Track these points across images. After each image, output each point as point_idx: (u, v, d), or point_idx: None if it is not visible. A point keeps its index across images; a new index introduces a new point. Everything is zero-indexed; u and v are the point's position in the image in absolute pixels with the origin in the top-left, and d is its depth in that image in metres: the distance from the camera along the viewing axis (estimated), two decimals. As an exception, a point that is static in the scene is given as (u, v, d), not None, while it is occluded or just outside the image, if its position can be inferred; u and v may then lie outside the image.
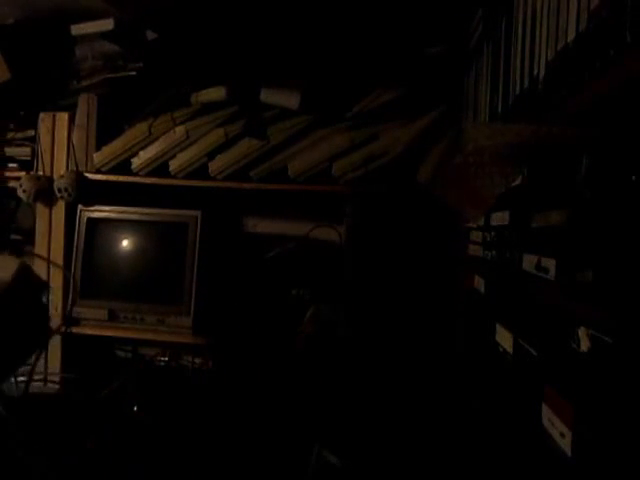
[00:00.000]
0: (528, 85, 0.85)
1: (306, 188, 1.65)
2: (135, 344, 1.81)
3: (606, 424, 0.55)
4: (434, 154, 1.41)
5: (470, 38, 1.40)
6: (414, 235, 1.62)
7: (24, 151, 1.82)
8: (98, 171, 1.76)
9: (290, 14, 1.55)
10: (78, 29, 1.70)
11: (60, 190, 1.72)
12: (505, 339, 0.92)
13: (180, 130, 1.71)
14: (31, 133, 1.80)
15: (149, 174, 1.74)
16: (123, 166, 1.76)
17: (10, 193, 1.80)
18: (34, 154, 1.80)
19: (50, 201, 1.78)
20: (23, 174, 1.75)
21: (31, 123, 1.80)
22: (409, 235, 1.62)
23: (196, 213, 1.72)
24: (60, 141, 1.79)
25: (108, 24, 1.68)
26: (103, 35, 1.69)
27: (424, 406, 1.40)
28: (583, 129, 0.65)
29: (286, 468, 1.33)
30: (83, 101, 1.77)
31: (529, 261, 0.80)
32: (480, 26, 1.28)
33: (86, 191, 1.75)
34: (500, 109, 1.05)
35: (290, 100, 1.63)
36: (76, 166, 1.77)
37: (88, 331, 1.74)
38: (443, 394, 1.39)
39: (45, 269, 1.77)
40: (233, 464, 1.37)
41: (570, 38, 0.67)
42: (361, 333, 1.58)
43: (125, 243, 1.78)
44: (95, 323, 1.74)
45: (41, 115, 1.79)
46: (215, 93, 1.69)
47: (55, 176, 1.77)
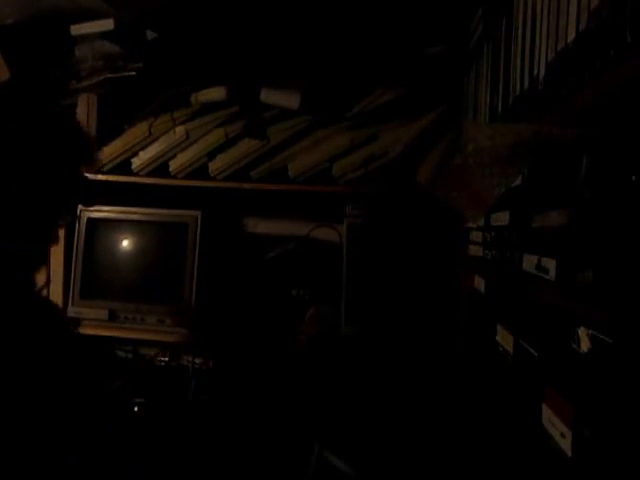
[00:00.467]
0: (528, 85, 0.85)
1: (306, 188, 1.65)
2: (135, 344, 1.81)
3: (606, 424, 0.55)
4: (434, 154, 1.41)
5: (470, 38, 1.40)
6: (414, 235, 1.62)
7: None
8: (98, 171, 1.76)
9: (290, 14, 1.55)
10: (78, 29, 1.70)
11: (60, 190, 1.72)
12: (505, 339, 0.92)
13: (180, 130, 1.71)
14: (31, 133, 1.80)
15: (149, 174, 1.74)
16: (123, 166, 1.75)
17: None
18: (34, 154, 1.80)
19: (50, 201, 1.78)
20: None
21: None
22: (409, 235, 1.62)
23: (196, 213, 1.72)
24: (60, 141, 1.79)
25: (108, 24, 1.68)
26: (103, 35, 1.69)
27: (425, 406, 1.40)
28: (583, 129, 0.65)
29: (286, 468, 1.33)
30: (83, 101, 1.77)
31: (529, 261, 0.80)
32: (480, 26, 1.28)
33: (86, 191, 1.75)
34: (500, 109, 1.05)
35: (290, 100, 1.63)
36: (76, 166, 1.77)
37: (88, 331, 1.74)
38: (443, 394, 1.39)
39: (45, 269, 1.77)
40: (233, 464, 1.37)
41: (570, 38, 0.67)
42: (361, 333, 1.58)
43: (125, 243, 1.78)
44: (95, 323, 1.74)
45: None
46: (215, 93, 1.68)
47: (55, 176, 1.77)
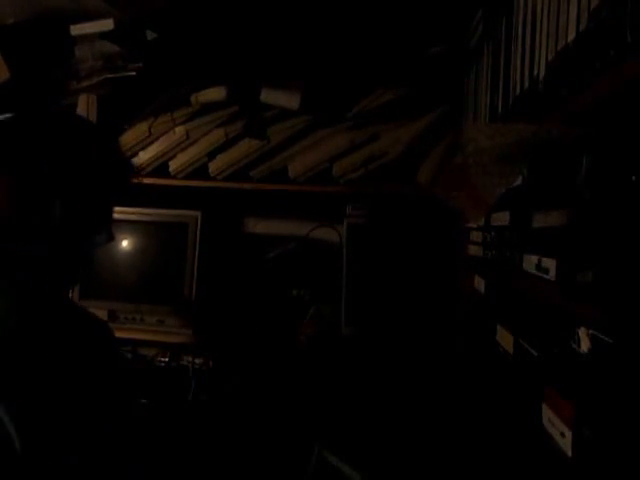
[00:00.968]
0: (528, 85, 0.85)
1: (306, 188, 1.65)
2: (135, 344, 1.81)
3: (606, 424, 0.55)
4: (434, 154, 1.41)
5: (470, 38, 1.40)
6: (414, 235, 1.62)
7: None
8: (98, 171, 1.76)
9: (290, 14, 1.55)
10: (78, 29, 1.70)
11: (60, 190, 1.72)
12: (505, 339, 0.93)
13: (180, 130, 1.71)
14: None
15: (149, 174, 1.74)
16: (123, 166, 1.76)
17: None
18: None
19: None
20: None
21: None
22: (409, 235, 1.62)
23: (196, 213, 1.72)
24: (60, 141, 1.78)
25: (108, 24, 1.67)
26: (103, 35, 1.69)
27: (425, 406, 1.40)
28: (583, 129, 0.65)
29: (286, 469, 1.33)
30: (83, 101, 1.77)
31: (529, 261, 0.80)
32: (480, 26, 1.28)
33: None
34: (500, 109, 1.05)
35: (290, 100, 1.63)
36: (76, 166, 1.77)
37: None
38: (444, 394, 1.39)
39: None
40: (234, 464, 1.37)
41: (570, 38, 0.67)
42: (361, 333, 1.58)
43: (125, 243, 1.78)
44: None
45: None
46: (215, 93, 1.68)
47: (55, 176, 1.77)
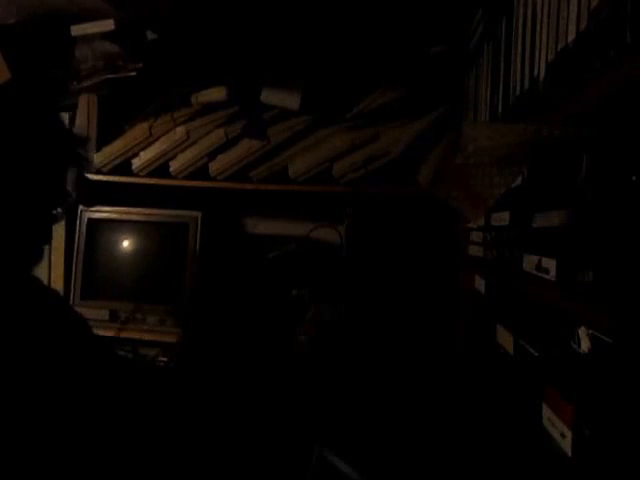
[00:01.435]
0: (528, 85, 0.85)
1: (306, 189, 1.65)
2: (136, 344, 1.81)
3: (606, 424, 0.55)
4: (435, 154, 1.41)
5: (470, 38, 1.40)
6: (414, 235, 1.62)
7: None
8: (99, 172, 1.76)
9: (290, 14, 1.55)
10: (78, 29, 1.70)
11: (61, 191, 1.72)
12: (505, 339, 0.93)
13: (181, 131, 1.71)
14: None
15: (149, 175, 1.74)
16: (124, 167, 1.76)
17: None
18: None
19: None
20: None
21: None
22: (409, 235, 1.62)
23: (197, 214, 1.72)
24: (61, 142, 1.78)
25: (108, 24, 1.68)
26: (103, 35, 1.69)
27: (425, 406, 1.40)
28: (583, 129, 0.65)
29: (287, 469, 1.33)
30: (83, 101, 1.77)
31: (529, 261, 0.80)
32: (480, 26, 1.28)
33: (87, 192, 1.75)
34: (500, 109, 1.05)
35: (290, 101, 1.63)
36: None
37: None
38: (444, 394, 1.39)
39: (46, 270, 1.77)
40: (234, 465, 1.37)
41: (570, 38, 0.67)
42: (362, 333, 1.58)
43: (126, 244, 1.78)
44: (96, 323, 1.73)
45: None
46: (215, 93, 1.68)
47: (56, 177, 1.77)
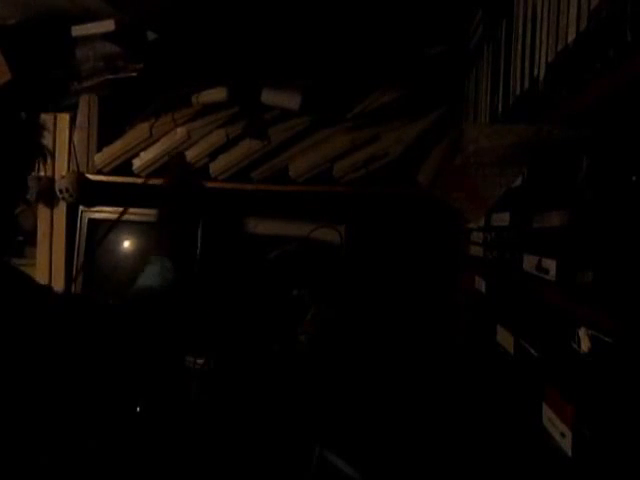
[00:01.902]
0: (528, 86, 0.86)
1: (307, 189, 1.65)
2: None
3: (606, 424, 0.55)
4: (435, 155, 1.41)
5: (470, 39, 1.40)
6: (415, 236, 1.62)
7: (25, 152, 1.82)
8: (99, 172, 1.76)
9: (291, 15, 1.55)
10: (79, 30, 1.70)
11: (61, 191, 1.72)
12: (506, 339, 0.93)
13: (181, 131, 1.71)
14: (32, 134, 1.80)
15: (150, 175, 1.74)
16: (124, 167, 1.76)
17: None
18: (35, 155, 1.80)
19: (51, 202, 1.78)
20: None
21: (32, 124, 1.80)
22: (410, 236, 1.62)
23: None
24: (61, 142, 1.79)
25: (109, 25, 1.68)
26: (104, 36, 1.69)
27: (426, 406, 1.40)
28: (583, 129, 0.65)
29: (288, 469, 1.33)
30: (84, 102, 1.78)
31: (529, 262, 0.80)
32: (480, 27, 1.28)
33: (87, 192, 1.75)
34: (500, 110, 1.05)
35: (291, 101, 1.63)
36: (77, 167, 1.77)
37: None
38: (444, 394, 1.39)
39: (47, 269, 1.77)
40: (235, 465, 1.37)
41: (570, 39, 0.67)
42: (362, 333, 1.59)
43: (127, 244, 1.78)
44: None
45: (42, 116, 1.79)
46: (216, 94, 1.69)
47: (56, 177, 1.77)
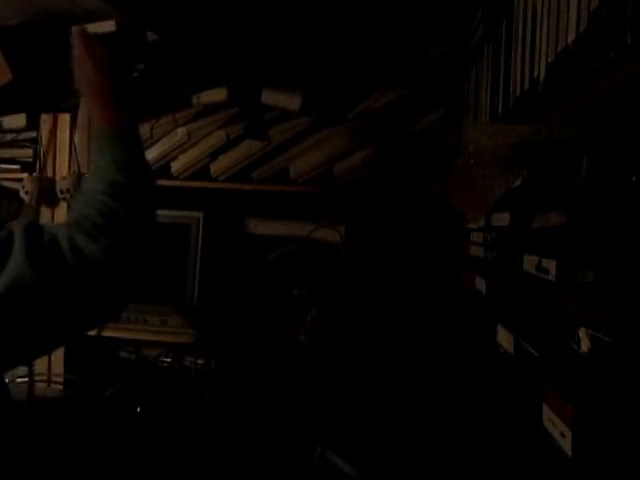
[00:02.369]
0: (529, 86, 0.86)
1: (308, 189, 1.65)
2: (138, 345, 1.81)
3: (606, 424, 0.55)
4: (435, 155, 1.41)
5: (470, 39, 1.40)
6: (415, 236, 1.62)
7: (26, 152, 1.82)
8: (100, 172, 1.77)
9: (291, 15, 1.55)
10: (80, 31, 1.71)
11: (62, 191, 1.73)
12: (506, 340, 0.93)
13: (182, 131, 1.71)
14: (33, 134, 1.80)
15: (151, 175, 1.74)
16: (125, 167, 1.76)
17: (13, 194, 1.80)
18: (36, 155, 1.80)
19: (53, 202, 1.78)
20: (25, 176, 1.76)
21: (33, 124, 1.80)
22: (410, 236, 1.62)
23: (198, 214, 1.72)
24: (62, 142, 1.79)
25: (110, 26, 1.68)
26: (104, 36, 1.69)
27: (426, 406, 1.40)
28: (583, 130, 0.65)
29: (289, 469, 1.34)
30: (85, 102, 1.78)
31: (530, 262, 0.81)
32: (480, 27, 1.28)
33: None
34: (501, 110, 1.05)
35: (291, 101, 1.63)
36: (78, 167, 1.77)
37: (91, 332, 1.74)
38: (445, 394, 1.39)
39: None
40: (236, 465, 1.37)
41: (570, 39, 0.67)
42: (362, 333, 1.59)
43: (127, 244, 1.78)
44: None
45: (43, 116, 1.79)
46: (216, 94, 1.69)
47: (57, 177, 1.77)
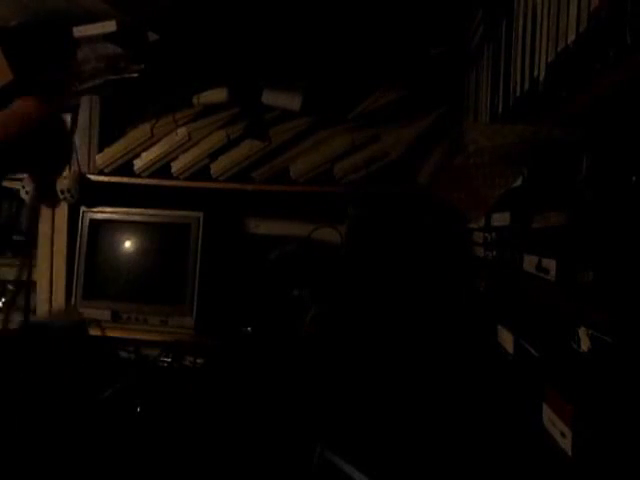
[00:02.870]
0: (528, 86, 0.86)
1: (308, 189, 1.65)
2: (138, 344, 1.82)
3: (606, 424, 0.55)
4: (435, 155, 1.41)
5: (471, 39, 1.40)
6: (415, 236, 1.62)
7: (27, 153, 1.82)
8: (100, 172, 1.77)
9: (291, 15, 1.55)
10: (80, 31, 1.71)
11: (63, 191, 1.73)
12: (506, 339, 0.93)
13: (182, 132, 1.72)
14: (34, 135, 1.80)
15: (151, 175, 1.75)
16: (125, 167, 1.76)
17: (13, 194, 1.81)
18: (37, 156, 1.80)
19: (53, 202, 1.78)
20: (26, 176, 1.76)
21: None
22: (410, 236, 1.62)
23: (198, 214, 1.72)
24: (63, 143, 1.79)
25: (110, 26, 1.68)
26: (105, 37, 1.69)
27: (426, 405, 1.40)
28: (583, 130, 0.65)
29: (289, 469, 1.34)
30: (85, 103, 1.78)
31: (530, 262, 0.81)
32: (481, 27, 1.28)
33: (88, 192, 1.76)
34: (501, 110, 1.05)
35: (291, 101, 1.63)
36: (79, 167, 1.78)
37: (91, 332, 1.74)
38: (445, 394, 1.39)
39: (48, 270, 1.77)
40: (236, 465, 1.37)
41: (570, 39, 0.67)
42: (362, 333, 1.59)
43: (128, 244, 1.79)
44: (98, 324, 1.74)
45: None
46: (217, 95, 1.69)
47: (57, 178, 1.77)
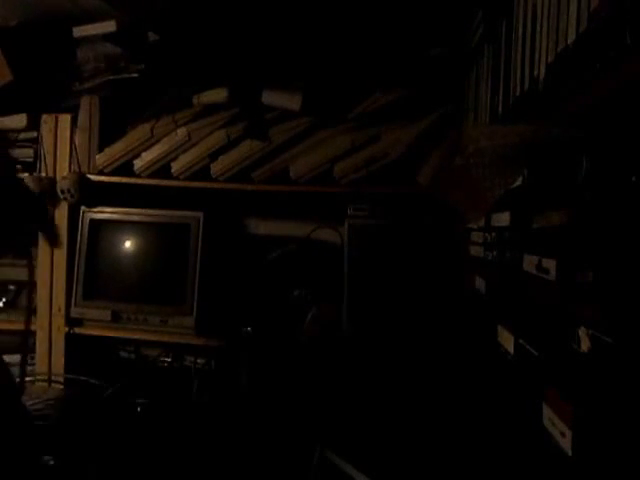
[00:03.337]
0: (528, 86, 0.86)
1: (307, 189, 1.65)
2: (138, 345, 1.82)
3: (606, 424, 0.55)
4: (435, 155, 1.41)
5: (471, 40, 1.40)
6: (414, 236, 1.62)
7: (27, 152, 1.82)
8: (100, 172, 1.77)
9: (292, 16, 1.55)
10: (80, 31, 1.71)
11: (63, 191, 1.73)
12: (506, 339, 0.93)
13: (182, 132, 1.72)
14: (34, 135, 1.81)
15: (151, 175, 1.75)
16: (125, 167, 1.76)
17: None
18: (37, 156, 1.80)
19: (53, 202, 1.78)
20: (26, 175, 1.76)
21: (34, 125, 1.81)
22: (409, 236, 1.62)
23: (198, 214, 1.72)
24: (63, 143, 1.79)
25: (110, 26, 1.68)
26: (105, 37, 1.69)
27: (427, 405, 1.41)
28: (583, 130, 0.65)
29: (289, 469, 1.34)
30: (85, 103, 1.78)
31: (530, 262, 0.81)
32: (481, 28, 1.28)
33: (89, 192, 1.76)
34: (501, 110, 1.05)
35: (291, 102, 1.63)
36: (79, 167, 1.78)
37: (91, 332, 1.74)
38: (445, 394, 1.39)
39: (49, 270, 1.78)
40: (236, 465, 1.38)
41: (570, 39, 0.67)
42: (363, 333, 1.59)
43: (128, 244, 1.79)
44: (98, 324, 1.74)
45: (43, 117, 1.79)
46: (217, 95, 1.69)
47: (58, 177, 1.77)
